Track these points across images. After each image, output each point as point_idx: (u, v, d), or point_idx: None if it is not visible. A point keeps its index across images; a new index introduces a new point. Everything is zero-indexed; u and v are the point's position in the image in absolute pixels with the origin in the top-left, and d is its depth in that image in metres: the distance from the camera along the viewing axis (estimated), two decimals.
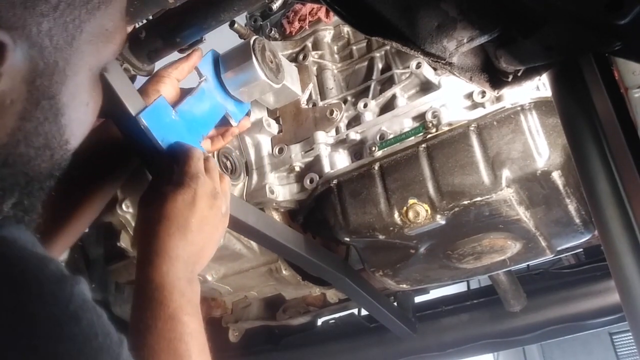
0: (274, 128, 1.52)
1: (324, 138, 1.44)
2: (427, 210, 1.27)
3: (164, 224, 0.84)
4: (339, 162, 1.43)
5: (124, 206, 1.43)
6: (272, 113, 1.55)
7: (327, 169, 1.42)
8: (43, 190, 0.56)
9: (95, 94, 0.57)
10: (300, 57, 1.59)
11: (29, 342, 0.45)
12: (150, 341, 0.71)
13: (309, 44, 1.62)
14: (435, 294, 2.17)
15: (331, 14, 1.64)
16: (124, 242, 1.49)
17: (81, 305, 0.50)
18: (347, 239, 1.39)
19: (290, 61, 1.57)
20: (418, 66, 1.37)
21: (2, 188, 0.52)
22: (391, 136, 1.37)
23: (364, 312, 2.10)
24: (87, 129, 0.58)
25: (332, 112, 1.45)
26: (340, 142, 1.45)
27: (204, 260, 0.90)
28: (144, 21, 1.19)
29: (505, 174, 1.21)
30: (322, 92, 1.55)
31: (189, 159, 0.93)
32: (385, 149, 1.36)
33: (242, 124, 1.29)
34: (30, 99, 0.50)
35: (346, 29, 1.64)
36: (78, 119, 0.55)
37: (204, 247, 0.89)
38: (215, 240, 0.94)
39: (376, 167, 1.35)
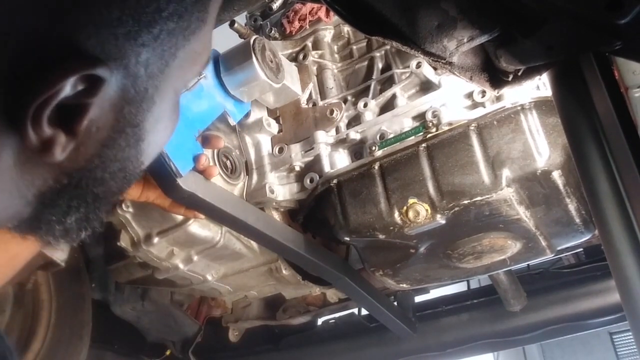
0: (273, 128, 1.52)
1: (324, 138, 1.44)
2: (427, 210, 1.27)
3: None
4: (339, 161, 1.43)
5: (123, 206, 1.44)
6: (272, 112, 1.55)
7: (327, 168, 1.42)
8: (109, 205, 0.55)
9: (175, 116, 0.56)
10: (300, 56, 1.59)
11: None
12: None
13: (309, 44, 1.61)
14: (435, 293, 2.17)
15: (331, 13, 1.64)
16: (124, 242, 1.49)
17: None
18: (347, 239, 1.39)
19: (290, 61, 1.57)
20: (418, 66, 1.37)
21: (69, 205, 0.51)
22: (391, 136, 1.37)
23: (364, 312, 2.10)
24: (159, 150, 0.57)
25: (332, 112, 1.45)
26: (340, 142, 1.45)
27: None
28: None
29: (506, 173, 1.21)
30: (322, 92, 1.55)
31: None
32: (385, 148, 1.36)
33: (214, 143, 1.17)
34: (116, 126, 0.48)
35: (346, 28, 1.64)
36: (156, 142, 0.54)
37: None
38: None
39: (376, 167, 1.35)
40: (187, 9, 0.47)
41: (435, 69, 1.38)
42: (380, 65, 1.55)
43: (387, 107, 1.44)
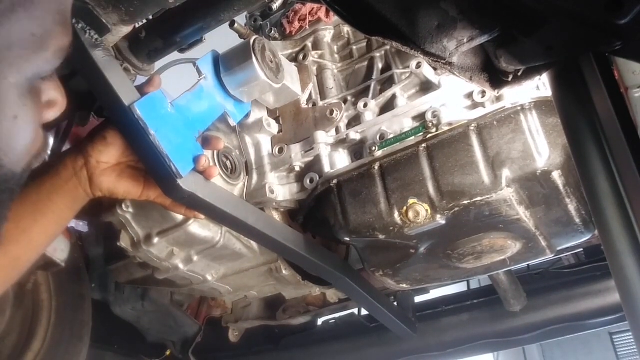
0: (274, 128, 1.52)
1: (324, 138, 1.44)
2: (427, 210, 1.27)
3: None
4: (339, 162, 1.43)
5: (123, 206, 1.44)
6: (272, 113, 1.55)
7: (327, 168, 1.42)
8: None
9: (27, 107, 0.52)
10: (300, 57, 1.59)
11: None
12: None
13: (309, 44, 1.62)
14: (435, 293, 2.17)
15: (331, 13, 1.64)
16: (124, 242, 1.49)
17: None
18: (347, 239, 1.39)
19: (290, 61, 1.57)
20: (418, 66, 1.37)
21: None
22: (391, 136, 1.37)
23: (364, 312, 2.10)
24: (26, 142, 0.53)
25: (332, 112, 1.45)
26: (340, 142, 1.45)
27: None
28: (144, 21, 1.19)
29: (506, 173, 1.21)
30: (322, 92, 1.55)
31: None
32: (385, 148, 1.36)
33: (215, 144, 1.16)
34: None
35: (346, 28, 1.64)
36: (5, 134, 0.50)
37: None
38: None
39: (376, 167, 1.35)
40: None
41: (435, 69, 1.38)
42: (380, 66, 1.55)
43: (387, 107, 1.44)
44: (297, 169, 1.46)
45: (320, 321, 2.23)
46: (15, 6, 0.46)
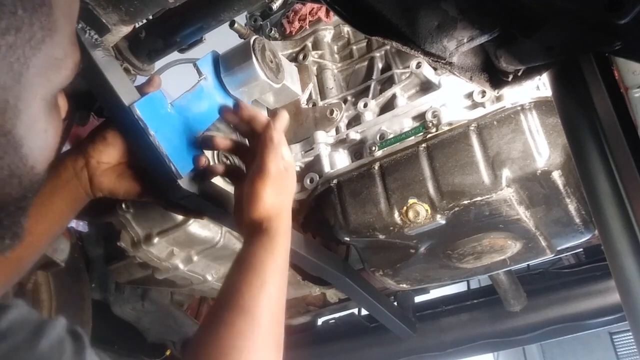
0: None
1: (324, 138, 1.44)
2: (427, 210, 1.27)
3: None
4: (339, 161, 1.43)
5: (124, 206, 1.44)
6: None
7: (327, 168, 1.42)
8: (21, 208, 0.59)
9: (53, 119, 0.58)
10: (300, 56, 1.59)
11: None
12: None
13: (309, 44, 1.62)
14: (435, 293, 2.17)
15: (331, 13, 1.64)
16: (124, 242, 1.49)
17: None
18: (347, 239, 1.39)
19: (290, 61, 1.57)
20: (418, 66, 1.37)
21: None
22: (391, 136, 1.37)
23: (364, 312, 2.10)
24: (52, 152, 0.60)
25: (332, 112, 1.45)
26: (340, 142, 1.45)
27: None
28: (144, 21, 1.19)
29: (506, 173, 1.21)
30: (322, 92, 1.55)
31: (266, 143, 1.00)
32: (385, 148, 1.36)
33: (216, 144, 1.17)
34: None
35: (346, 28, 1.64)
36: (39, 146, 0.57)
37: None
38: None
39: (376, 167, 1.35)
40: (25, 21, 0.49)
41: (435, 69, 1.38)
42: (380, 66, 1.55)
43: (387, 107, 1.44)
44: (297, 169, 1.46)
45: (320, 321, 2.23)
46: (45, 37, 0.52)
